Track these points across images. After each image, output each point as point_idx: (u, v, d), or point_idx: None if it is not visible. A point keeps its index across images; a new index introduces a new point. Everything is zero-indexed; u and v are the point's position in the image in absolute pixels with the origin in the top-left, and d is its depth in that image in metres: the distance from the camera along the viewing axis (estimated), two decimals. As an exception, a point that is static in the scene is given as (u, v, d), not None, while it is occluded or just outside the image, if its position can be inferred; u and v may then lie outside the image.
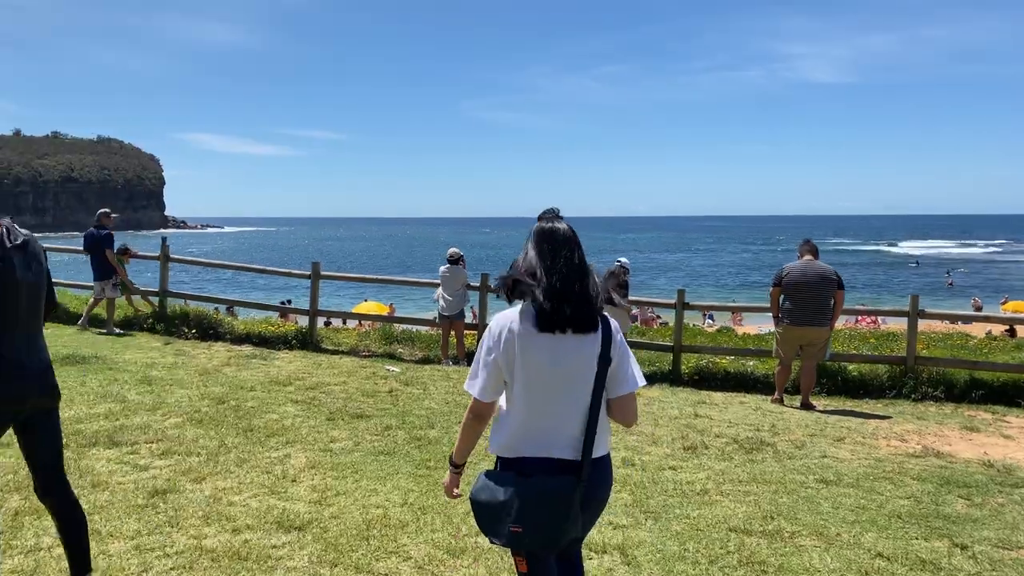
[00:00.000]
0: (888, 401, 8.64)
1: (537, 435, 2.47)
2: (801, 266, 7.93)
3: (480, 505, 2.49)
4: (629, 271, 9.85)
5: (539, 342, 2.42)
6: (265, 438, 6.06)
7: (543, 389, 2.45)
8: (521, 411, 2.47)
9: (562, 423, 2.46)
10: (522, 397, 2.46)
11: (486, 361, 2.50)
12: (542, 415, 2.46)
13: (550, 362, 2.42)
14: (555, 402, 2.45)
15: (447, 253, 10.71)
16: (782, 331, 8.08)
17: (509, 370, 2.46)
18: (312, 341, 11.29)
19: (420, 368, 9.60)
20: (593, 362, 2.45)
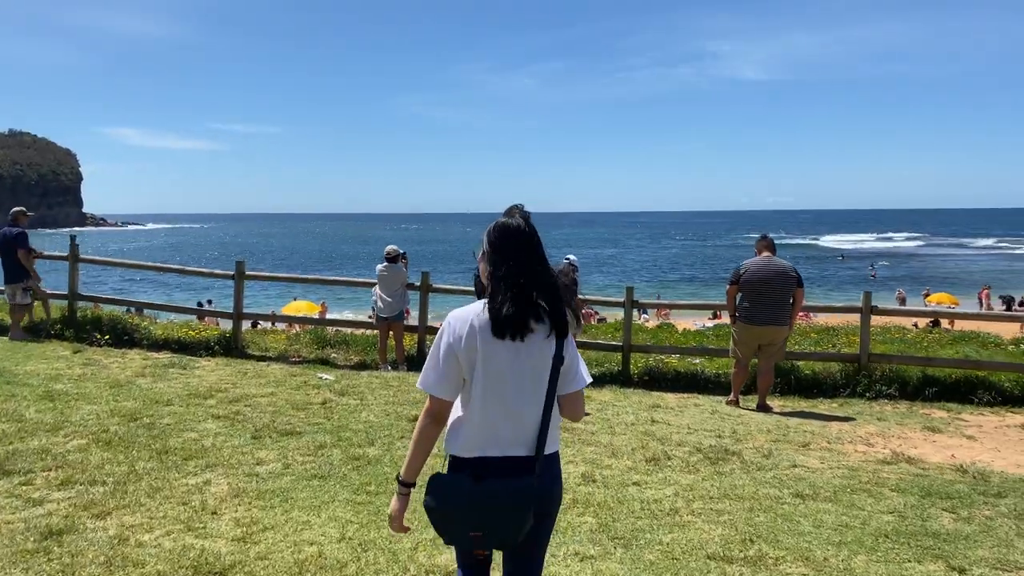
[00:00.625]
0: (843, 400, 8.42)
1: (497, 433, 2.43)
2: (760, 263, 7.60)
3: (436, 512, 2.42)
4: (578, 268, 9.41)
5: (496, 343, 2.40)
6: (182, 461, 5.38)
7: (503, 387, 2.42)
8: (479, 410, 2.43)
9: (519, 422, 2.44)
10: (480, 397, 2.42)
11: (446, 356, 2.43)
12: (501, 415, 2.43)
13: (509, 362, 2.41)
14: (515, 400, 2.43)
15: (385, 250, 10.08)
16: (739, 330, 7.75)
17: (470, 368, 2.42)
18: (237, 347, 10.52)
19: (356, 375, 8.97)
20: (549, 361, 2.45)
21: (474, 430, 2.45)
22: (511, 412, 2.44)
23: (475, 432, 2.45)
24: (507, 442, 2.44)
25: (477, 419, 2.44)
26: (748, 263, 7.67)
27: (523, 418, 2.45)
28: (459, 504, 2.38)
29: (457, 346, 2.41)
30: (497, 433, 2.44)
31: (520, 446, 2.45)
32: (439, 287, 10.50)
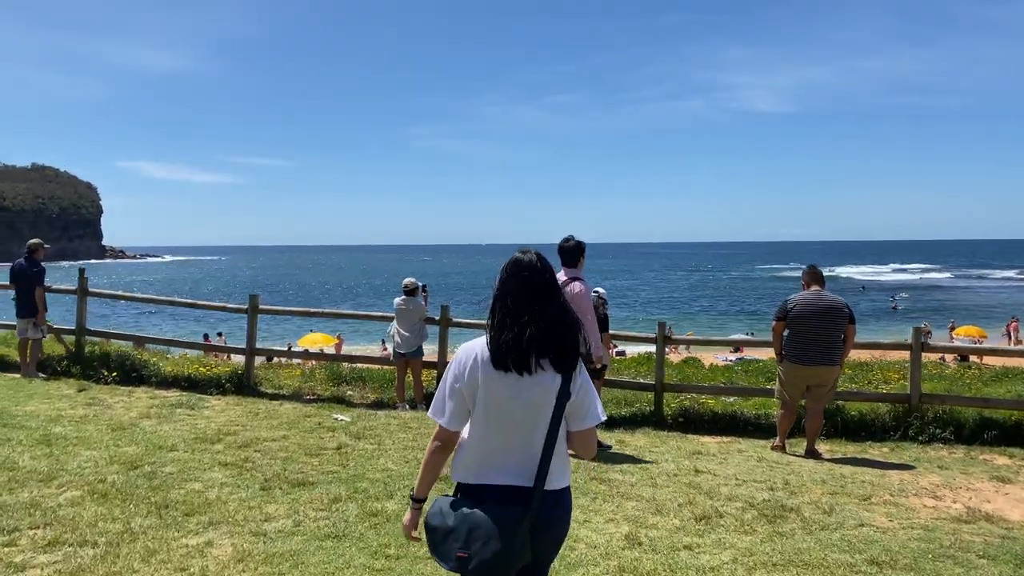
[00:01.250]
0: (894, 444, 7.82)
1: (494, 462, 2.51)
2: (809, 297, 7.06)
3: (431, 529, 2.52)
4: (607, 302, 8.93)
5: (498, 375, 2.48)
6: (183, 517, 4.88)
7: (500, 419, 2.50)
8: (479, 438, 2.53)
9: (518, 453, 2.50)
10: (481, 425, 2.52)
11: (452, 389, 2.55)
12: (499, 444, 2.51)
13: (509, 395, 2.48)
14: (512, 432, 2.50)
15: (403, 283, 9.63)
16: (786, 370, 7.19)
17: (472, 398, 2.52)
18: (249, 384, 10.06)
19: (373, 415, 8.47)
20: (552, 397, 2.49)
21: (473, 457, 2.55)
22: (509, 444, 2.51)
23: (473, 459, 2.54)
24: (505, 472, 2.51)
25: (476, 447, 2.54)
26: (796, 297, 7.14)
27: (521, 450, 2.51)
28: (451, 524, 2.46)
29: (461, 378, 2.52)
30: (494, 462, 2.52)
31: (518, 477, 2.50)
32: (459, 321, 10.02)
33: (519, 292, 2.55)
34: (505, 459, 2.51)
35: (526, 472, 2.50)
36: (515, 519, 2.43)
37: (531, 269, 2.58)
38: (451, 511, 2.49)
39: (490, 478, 2.51)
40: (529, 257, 2.61)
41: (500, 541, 2.40)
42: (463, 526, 2.44)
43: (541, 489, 2.48)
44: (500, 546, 2.40)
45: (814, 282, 7.16)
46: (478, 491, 2.52)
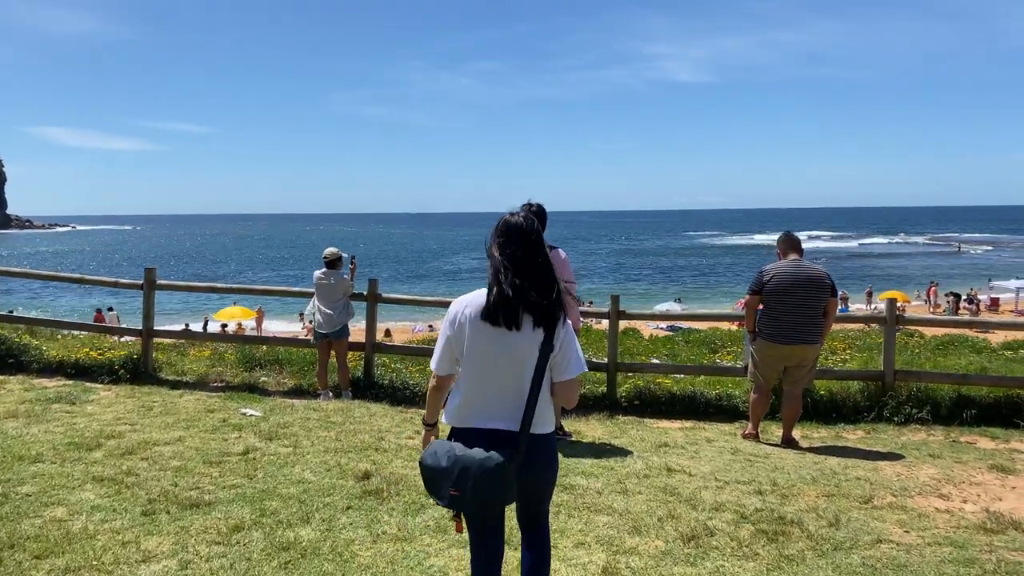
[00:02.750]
0: (868, 426, 7.16)
1: (482, 408, 2.72)
2: (787, 268, 6.25)
3: (427, 469, 2.69)
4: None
5: (484, 327, 2.67)
6: (31, 562, 3.74)
7: (486, 368, 2.70)
8: (469, 386, 2.74)
9: (504, 400, 2.69)
10: (470, 374, 2.73)
11: (444, 338, 2.77)
12: (486, 392, 2.71)
13: (495, 347, 2.67)
14: (498, 381, 2.70)
15: (323, 253, 8.46)
16: (761, 349, 6.38)
17: (460, 349, 2.73)
18: (147, 370, 8.79)
19: (290, 406, 7.34)
20: (535, 350, 2.66)
21: (464, 403, 2.74)
22: (496, 391, 2.69)
23: (465, 405, 2.74)
24: (494, 417, 2.69)
25: (466, 394, 2.74)
26: (773, 268, 6.31)
27: (508, 398, 2.68)
28: (444, 464, 2.63)
29: (453, 328, 2.74)
30: (484, 408, 2.71)
31: (505, 422, 2.68)
32: (390, 297, 8.93)
33: (509, 250, 2.68)
34: (493, 406, 2.70)
35: (512, 417, 2.67)
36: (502, 459, 2.58)
37: (517, 229, 2.71)
38: (444, 453, 2.67)
39: (479, 422, 2.71)
40: (516, 219, 2.73)
41: (489, 479, 2.57)
42: (455, 466, 2.61)
43: (527, 433, 2.66)
44: (489, 484, 2.57)
45: (791, 250, 6.35)
46: (468, 434, 2.72)
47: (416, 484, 4.88)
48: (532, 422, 2.67)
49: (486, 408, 2.71)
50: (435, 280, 61.85)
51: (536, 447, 2.69)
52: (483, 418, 2.71)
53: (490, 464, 2.57)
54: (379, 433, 6.32)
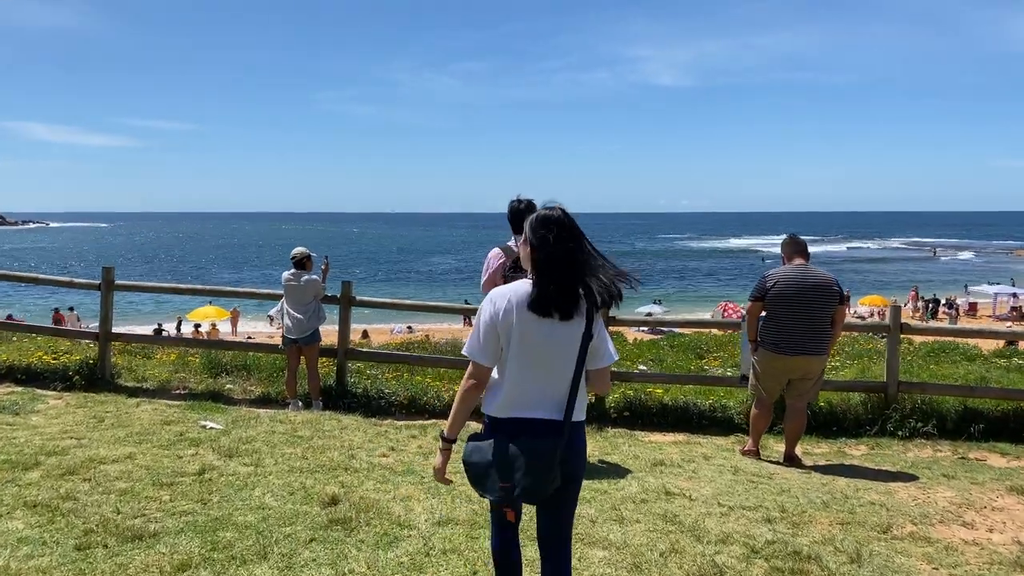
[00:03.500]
0: (872, 441, 6.76)
1: (527, 398, 2.72)
2: (792, 273, 5.81)
3: (473, 466, 2.73)
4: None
5: (534, 318, 2.67)
6: (-62, 611, 3.21)
7: (534, 359, 2.70)
8: (514, 376, 2.72)
9: (549, 389, 2.72)
10: (516, 364, 2.71)
11: (487, 328, 2.73)
12: (532, 381, 2.71)
13: (544, 337, 2.68)
14: (544, 371, 2.71)
15: (291, 254, 7.92)
16: (764, 360, 5.94)
17: (506, 339, 2.71)
18: (104, 377, 8.21)
19: (255, 417, 6.80)
20: (578, 338, 2.70)
21: (509, 394, 2.73)
22: (542, 381, 2.72)
23: (509, 396, 2.73)
24: (538, 406, 2.72)
25: (511, 385, 2.73)
26: (776, 273, 5.87)
27: (553, 387, 2.72)
28: (493, 457, 2.68)
29: (497, 319, 2.72)
30: (529, 398, 2.72)
31: (550, 410, 2.72)
32: (365, 300, 8.41)
33: (553, 243, 2.67)
34: (539, 395, 2.71)
35: (557, 406, 2.71)
36: (550, 448, 2.64)
37: (559, 222, 2.71)
38: (488, 447, 2.71)
39: (526, 412, 2.71)
40: (556, 212, 2.74)
41: (539, 468, 2.62)
42: (504, 459, 2.65)
43: (570, 420, 2.70)
44: (539, 473, 2.62)
45: (797, 254, 5.91)
46: (514, 424, 2.71)
47: (389, 512, 4.39)
48: (575, 410, 2.73)
49: (532, 398, 2.73)
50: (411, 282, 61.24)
51: (575, 434, 2.77)
52: (528, 408, 2.73)
53: (540, 452, 2.64)
54: (350, 450, 5.81)
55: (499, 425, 2.75)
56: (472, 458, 2.74)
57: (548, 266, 2.66)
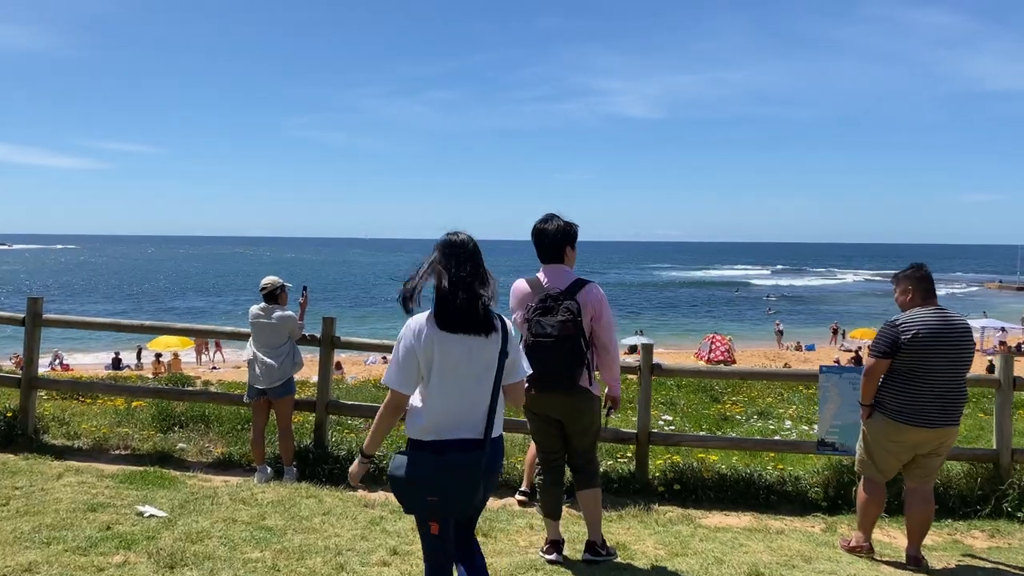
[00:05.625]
0: (988, 525, 5.42)
1: (452, 420, 2.84)
2: (933, 321, 4.43)
3: (400, 482, 2.82)
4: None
5: (454, 340, 2.83)
6: None
7: (455, 381, 2.85)
8: (436, 401, 2.84)
9: (470, 409, 2.86)
10: (439, 388, 2.84)
11: (407, 356, 2.86)
12: (455, 404, 2.85)
13: (464, 356, 2.84)
14: (464, 392, 2.86)
15: (261, 284, 6.43)
16: (885, 432, 4.53)
17: (428, 365, 2.85)
18: (25, 432, 6.65)
19: (212, 494, 5.28)
20: (495, 357, 2.89)
21: (431, 419, 2.84)
22: (463, 402, 2.85)
23: (432, 420, 2.84)
24: (461, 427, 2.84)
25: (433, 409, 2.85)
26: (913, 319, 4.46)
27: (475, 406, 2.87)
28: (421, 474, 2.78)
29: (417, 346, 2.84)
30: (451, 420, 2.84)
31: (471, 430, 2.85)
32: (351, 341, 6.91)
33: (460, 266, 2.88)
34: (461, 416, 2.85)
35: (475, 424, 2.86)
36: (474, 464, 2.79)
37: (463, 246, 2.93)
38: (417, 464, 2.81)
39: (450, 434, 2.83)
40: (460, 237, 2.96)
41: (466, 484, 2.77)
42: (431, 475, 2.77)
43: (490, 437, 2.87)
44: (466, 488, 2.77)
45: (930, 295, 4.55)
46: (438, 446, 2.82)
47: None
48: (493, 426, 2.89)
49: (454, 420, 2.85)
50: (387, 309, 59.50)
51: (494, 449, 2.92)
52: (451, 430, 2.84)
53: (465, 468, 2.78)
54: (336, 550, 4.31)
55: (422, 446, 2.85)
56: (398, 473, 2.82)
57: (457, 288, 2.83)
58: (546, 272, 4.23)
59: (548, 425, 4.29)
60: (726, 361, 30.63)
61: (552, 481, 4.34)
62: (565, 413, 4.20)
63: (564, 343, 4.00)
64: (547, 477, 4.36)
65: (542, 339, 4.02)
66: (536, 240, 4.26)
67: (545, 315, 4.02)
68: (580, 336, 4.03)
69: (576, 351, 4.03)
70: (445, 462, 2.77)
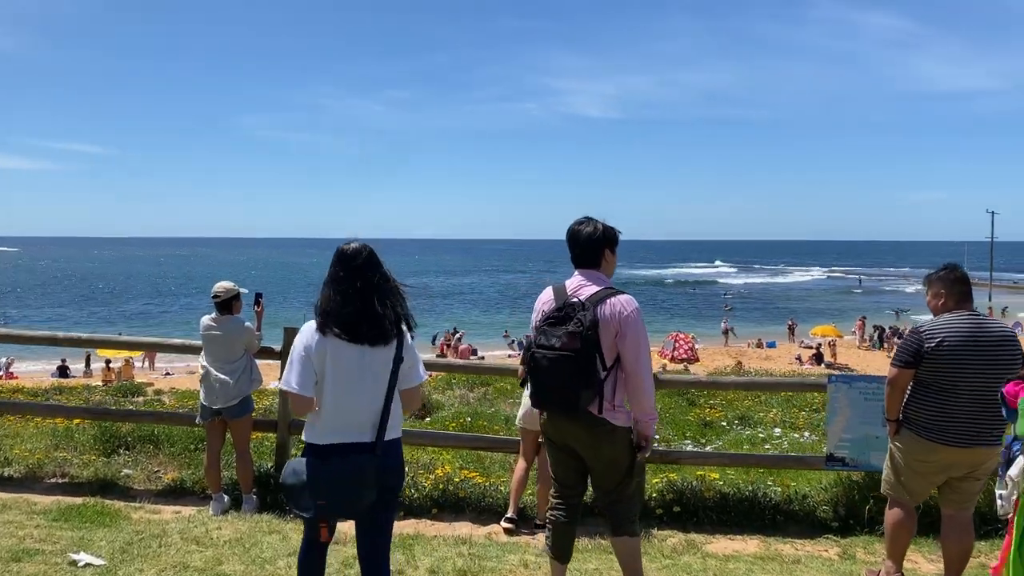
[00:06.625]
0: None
1: (342, 422, 2.96)
2: (966, 327, 3.97)
3: (289, 487, 2.94)
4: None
5: (342, 346, 2.96)
6: None
7: (347, 385, 2.96)
8: (329, 404, 2.97)
9: (362, 412, 2.98)
10: (331, 392, 2.97)
11: (302, 360, 2.97)
12: (347, 406, 2.96)
13: (356, 363, 2.97)
14: (357, 396, 2.97)
15: (213, 290, 5.77)
16: (914, 450, 4.06)
17: (320, 369, 2.97)
18: (-54, 461, 5.90)
19: (159, 532, 4.64)
20: (389, 362, 3.00)
21: (325, 421, 2.97)
22: (356, 405, 2.97)
23: (326, 423, 2.97)
24: (353, 429, 2.96)
25: (327, 412, 2.97)
26: (940, 326, 4.01)
27: (367, 410, 2.97)
28: (309, 477, 2.88)
29: (311, 350, 2.96)
30: (344, 422, 2.96)
31: (364, 433, 2.97)
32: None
33: (353, 274, 3.00)
34: (353, 419, 2.96)
35: (368, 428, 2.97)
36: (361, 467, 2.88)
37: (359, 254, 3.05)
38: (304, 469, 2.91)
39: (338, 437, 2.95)
40: (352, 247, 3.07)
41: (351, 485, 2.87)
42: (318, 478, 2.87)
43: (383, 440, 2.97)
44: (351, 490, 2.86)
45: (964, 299, 4.11)
46: (327, 450, 2.93)
47: None
48: (387, 429, 2.99)
49: (347, 422, 2.96)
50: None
51: (389, 452, 3.01)
52: (344, 432, 2.95)
53: (352, 471, 2.87)
54: (307, 601, 3.73)
55: (315, 450, 2.97)
56: (290, 480, 2.93)
57: (343, 297, 2.97)
58: (575, 278, 3.67)
59: (564, 455, 3.70)
60: (690, 359, 30.46)
61: (563, 518, 3.77)
62: (580, 444, 3.61)
63: (566, 359, 3.39)
64: (558, 513, 3.78)
65: (542, 352, 3.43)
66: (569, 242, 3.72)
67: (555, 326, 3.45)
68: (590, 353, 3.41)
69: (581, 370, 3.39)
70: (332, 464, 2.88)
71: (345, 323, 2.94)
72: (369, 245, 3.10)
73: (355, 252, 3.04)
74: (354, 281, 2.98)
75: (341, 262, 3.03)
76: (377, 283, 3.00)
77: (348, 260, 3.02)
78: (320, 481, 2.85)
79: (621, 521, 3.66)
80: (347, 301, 2.95)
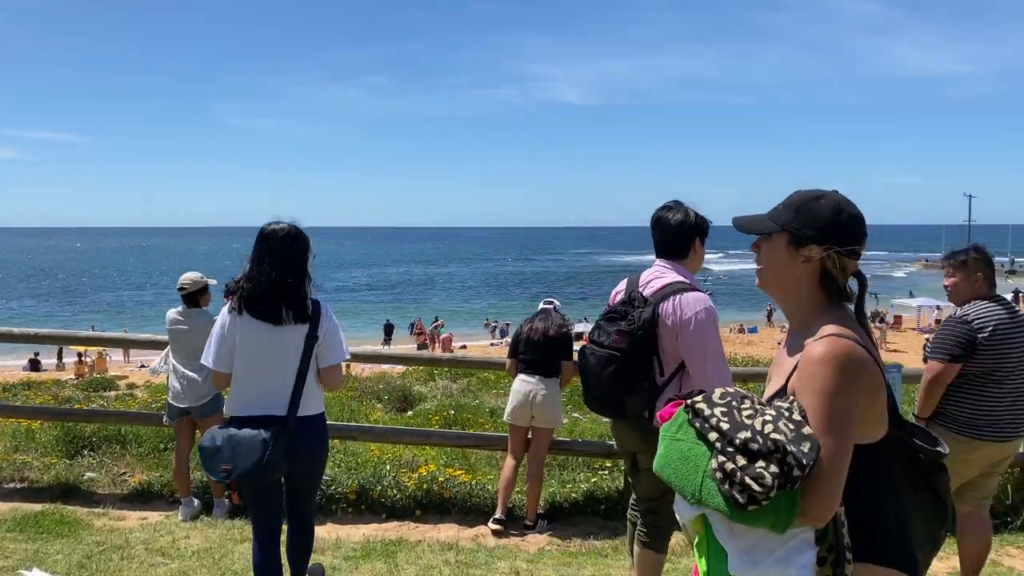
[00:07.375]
0: (1023, 538, 4.84)
1: (253, 396, 3.11)
2: (1003, 313, 3.71)
3: (203, 449, 3.07)
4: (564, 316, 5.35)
5: (253, 325, 3.09)
6: None
7: (257, 362, 3.10)
8: (242, 378, 3.14)
9: (273, 387, 3.10)
10: (242, 367, 3.12)
11: (219, 338, 3.15)
12: (257, 381, 3.11)
13: (264, 340, 3.09)
14: (267, 372, 3.11)
15: (179, 281, 5.41)
16: (951, 448, 3.78)
17: (233, 345, 3.12)
18: None
19: (121, 545, 4.30)
20: (301, 340, 3.11)
21: (238, 394, 3.16)
22: (265, 380, 3.10)
23: (238, 396, 3.15)
24: (263, 404, 3.10)
25: (240, 386, 3.15)
26: (986, 315, 3.69)
27: (276, 385, 3.10)
28: (218, 443, 3.02)
29: (224, 329, 3.13)
30: (260, 396, 3.10)
31: (273, 407, 3.09)
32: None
33: (270, 254, 3.09)
34: (264, 393, 3.10)
35: (278, 402, 3.09)
36: (269, 438, 2.99)
37: (277, 235, 3.12)
38: (219, 434, 3.06)
39: (251, 410, 3.09)
40: (272, 227, 3.15)
41: (256, 454, 2.96)
42: (227, 445, 3.00)
43: (294, 415, 3.08)
44: (255, 458, 2.96)
45: (989, 285, 3.84)
46: (242, 421, 3.09)
47: None
48: (300, 405, 3.10)
49: (258, 396, 3.10)
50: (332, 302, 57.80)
51: (305, 428, 3.13)
52: (255, 405, 3.10)
53: (257, 440, 2.97)
54: (280, 620, 3.42)
55: (233, 421, 3.12)
56: (204, 443, 3.06)
57: (258, 277, 3.08)
58: (652, 268, 3.32)
59: (631, 464, 3.39)
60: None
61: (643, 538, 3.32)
62: (632, 446, 3.29)
63: (610, 359, 3.07)
64: (631, 529, 3.42)
65: (591, 348, 3.10)
66: (654, 228, 3.35)
67: (610, 321, 3.14)
68: (639, 353, 3.07)
69: (627, 370, 3.06)
70: (237, 434, 3.00)
71: (255, 302, 3.06)
72: (296, 227, 3.15)
73: (271, 232, 3.11)
74: (266, 261, 3.06)
75: (258, 242, 3.13)
76: (289, 263, 3.07)
77: (262, 240, 3.12)
78: (229, 447, 2.98)
79: (652, 536, 3.30)
80: (259, 281, 3.06)
